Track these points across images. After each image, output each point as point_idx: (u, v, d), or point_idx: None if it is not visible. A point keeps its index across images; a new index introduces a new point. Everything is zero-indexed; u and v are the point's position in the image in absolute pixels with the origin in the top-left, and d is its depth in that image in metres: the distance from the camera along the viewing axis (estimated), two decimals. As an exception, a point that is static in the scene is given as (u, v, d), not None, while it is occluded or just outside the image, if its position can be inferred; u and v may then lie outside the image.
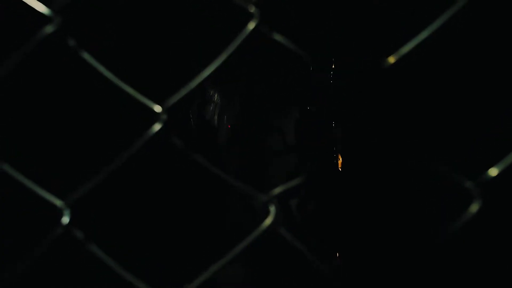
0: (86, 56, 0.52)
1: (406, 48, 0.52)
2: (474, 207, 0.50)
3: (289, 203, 3.46)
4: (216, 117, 3.76)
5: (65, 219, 0.52)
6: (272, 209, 0.54)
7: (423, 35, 0.49)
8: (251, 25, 0.52)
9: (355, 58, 2.56)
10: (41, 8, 0.49)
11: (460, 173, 0.51)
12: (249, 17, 0.53)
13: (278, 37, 0.52)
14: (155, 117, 0.51)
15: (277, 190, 0.55)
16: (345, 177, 3.00)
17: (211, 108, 3.67)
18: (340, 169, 3.14)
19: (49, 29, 0.50)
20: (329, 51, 3.23)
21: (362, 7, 2.35)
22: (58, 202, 0.52)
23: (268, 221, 0.54)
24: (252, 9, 0.52)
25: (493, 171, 0.51)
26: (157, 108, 0.51)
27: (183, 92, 0.51)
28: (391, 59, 0.52)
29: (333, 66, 3.52)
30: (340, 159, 3.26)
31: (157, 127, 0.50)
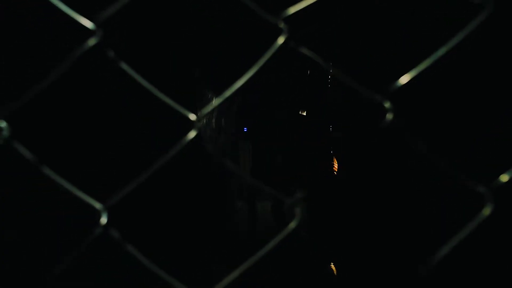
0: (125, 66, 0.55)
1: (407, 77, 0.56)
2: (486, 211, 0.54)
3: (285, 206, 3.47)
4: (214, 120, 3.80)
5: (103, 220, 0.55)
6: (298, 210, 0.57)
7: (427, 62, 0.52)
8: (281, 40, 0.55)
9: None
10: (86, 22, 0.52)
11: (473, 178, 0.55)
12: (278, 32, 0.57)
13: (305, 51, 0.55)
14: (190, 125, 0.54)
15: (300, 195, 0.58)
16: (342, 180, 3.04)
17: (209, 111, 3.70)
18: (335, 172, 3.18)
19: (92, 41, 0.53)
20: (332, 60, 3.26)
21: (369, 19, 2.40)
22: (97, 205, 0.55)
23: (293, 223, 0.58)
24: (281, 25, 0.56)
25: (504, 177, 0.55)
26: (192, 117, 0.54)
27: (217, 102, 0.54)
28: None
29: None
30: (336, 163, 3.30)
31: (192, 134, 0.54)
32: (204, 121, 3.45)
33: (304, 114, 3.70)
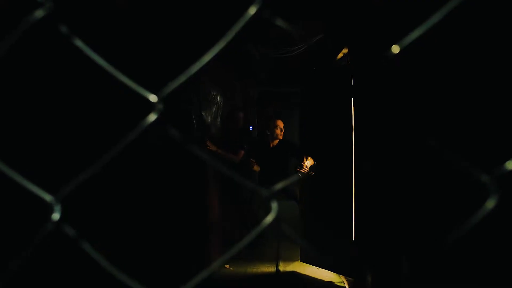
0: (79, 43, 0.50)
1: (411, 37, 0.49)
2: (491, 203, 0.47)
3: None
4: (218, 118, 3.73)
5: (56, 216, 0.49)
6: (274, 205, 0.51)
7: (428, 24, 0.46)
8: (252, 10, 0.49)
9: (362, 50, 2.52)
10: (31, -9, 0.47)
11: (476, 166, 0.47)
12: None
13: (280, 22, 0.49)
14: (150, 107, 0.48)
15: (278, 186, 0.52)
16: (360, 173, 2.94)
17: (214, 110, 3.64)
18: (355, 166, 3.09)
19: (39, 13, 0.47)
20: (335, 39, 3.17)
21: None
22: (47, 197, 0.49)
23: (270, 217, 0.51)
24: (253, -6, 0.49)
25: (511, 164, 0.48)
26: (153, 98, 0.48)
27: (181, 79, 0.48)
28: (395, 49, 0.49)
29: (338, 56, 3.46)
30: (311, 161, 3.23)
31: (152, 117, 0.48)
32: (209, 119, 3.40)
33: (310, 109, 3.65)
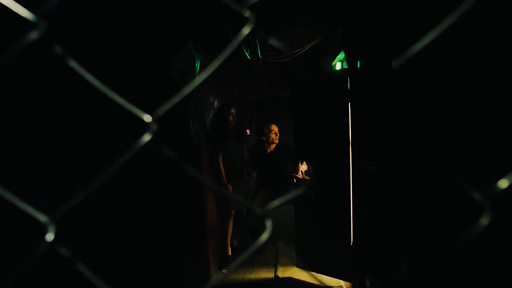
0: (73, 64, 0.50)
1: (414, 49, 0.50)
2: (484, 220, 0.47)
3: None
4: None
5: (50, 236, 0.49)
6: (269, 224, 0.51)
7: (430, 36, 0.46)
8: (246, 30, 0.49)
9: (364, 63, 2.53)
10: (25, 13, 0.47)
11: (470, 184, 0.48)
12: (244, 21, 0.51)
13: (273, 41, 0.49)
14: (145, 127, 0.48)
15: (274, 205, 0.52)
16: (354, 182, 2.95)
17: (211, 114, 3.64)
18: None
19: (34, 35, 0.47)
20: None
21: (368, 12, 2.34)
22: (42, 218, 0.49)
23: (265, 235, 0.51)
24: (247, 14, 0.50)
25: (504, 183, 0.48)
26: (147, 118, 0.48)
27: (175, 100, 0.48)
28: (396, 63, 0.49)
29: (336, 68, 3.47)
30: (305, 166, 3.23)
31: (146, 137, 0.48)
32: (206, 123, 3.39)
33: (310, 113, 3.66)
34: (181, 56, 2.33)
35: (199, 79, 0.49)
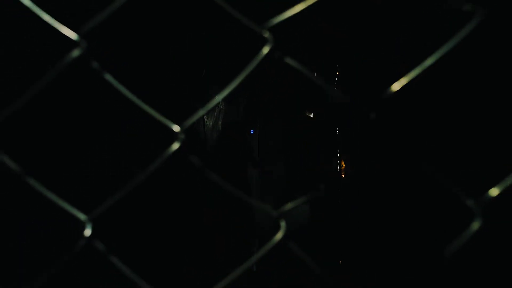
0: (109, 77, 0.55)
1: (408, 76, 0.55)
2: (475, 225, 0.53)
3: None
4: (220, 122, 3.78)
5: (88, 232, 0.55)
6: (283, 224, 0.57)
7: (426, 63, 0.51)
8: (265, 50, 0.54)
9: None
10: (69, 33, 0.52)
11: (462, 191, 0.53)
12: (263, 41, 0.56)
13: (290, 61, 0.54)
14: (174, 136, 0.54)
15: (288, 207, 0.58)
16: (348, 184, 3.02)
17: (215, 113, 3.70)
18: (343, 176, 3.16)
19: (76, 53, 0.53)
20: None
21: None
22: (82, 216, 0.55)
23: (279, 235, 0.57)
24: (266, 34, 0.55)
25: (494, 191, 0.54)
26: (176, 128, 0.54)
27: (200, 113, 0.54)
28: (393, 88, 0.54)
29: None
30: (343, 165, 3.28)
31: (175, 146, 0.53)
32: (211, 123, 3.45)
33: (311, 115, 3.69)
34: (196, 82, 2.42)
35: (219, 97, 0.55)
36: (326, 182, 3.25)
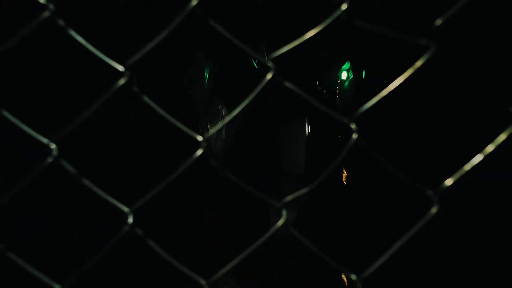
0: (147, 99, 0.70)
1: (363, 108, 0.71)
2: (433, 210, 0.68)
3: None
4: (224, 131, 3.93)
5: (130, 220, 0.69)
6: (284, 212, 0.71)
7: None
8: (269, 76, 0.70)
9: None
10: (117, 65, 0.68)
11: (423, 183, 0.69)
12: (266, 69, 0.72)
13: (289, 84, 0.70)
14: (197, 144, 0.69)
15: (288, 198, 0.72)
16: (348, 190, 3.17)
17: (218, 122, 3.85)
18: (344, 182, 3.31)
19: (121, 81, 0.68)
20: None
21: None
22: (125, 209, 0.69)
23: (280, 221, 0.72)
24: (270, 64, 0.71)
25: (449, 181, 0.69)
26: (199, 138, 0.69)
27: (219, 126, 0.69)
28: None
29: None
30: (345, 172, 3.43)
31: (199, 152, 0.68)
32: (214, 132, 3.64)
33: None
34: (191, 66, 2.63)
35: (229, 116, 0.70)
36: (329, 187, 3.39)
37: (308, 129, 3.77)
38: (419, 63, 0.68)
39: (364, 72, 2.89)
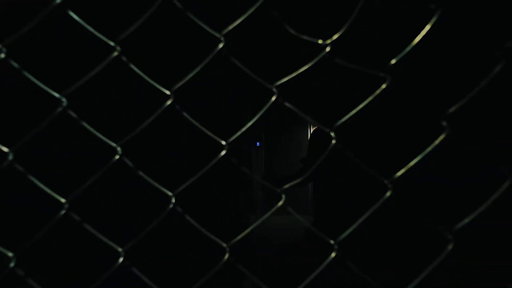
0: (186, 115, 0.97)
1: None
2: (387, 194, 0.96)
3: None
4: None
5: (173, 200, 0.96)
6: (283, 196, 0.99)
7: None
8: (273, 98, 0.98)
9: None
10: (164, 90, 0.94)
11: (382, 176, 0.97)
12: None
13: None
14: (221, 147, 0.96)
15: (287, 186, 1.00)
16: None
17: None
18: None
19: (168, 103, 0.95)
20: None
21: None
22: (169, 193, 0.96)
23: (280, 203, 1.00)
24: (274, 89, 0.98)
25: (399, 173, 0.98)
26: (223, 142, 0.96)
27: (242, 130, 0.97)
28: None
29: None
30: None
31: (223, 153, 0.96)
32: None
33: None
34: None
35: (237, 134, 0.98)
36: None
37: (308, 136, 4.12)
38: (377, 92, 0.97)
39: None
